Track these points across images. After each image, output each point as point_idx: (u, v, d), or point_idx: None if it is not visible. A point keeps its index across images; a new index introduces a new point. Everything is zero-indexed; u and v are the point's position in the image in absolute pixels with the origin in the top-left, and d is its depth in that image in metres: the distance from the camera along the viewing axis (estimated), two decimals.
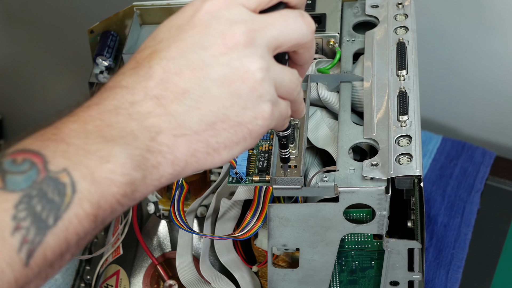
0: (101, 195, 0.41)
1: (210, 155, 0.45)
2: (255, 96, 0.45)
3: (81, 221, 0.40)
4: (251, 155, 0.67)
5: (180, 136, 0.44)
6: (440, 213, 0.88)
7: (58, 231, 0.40)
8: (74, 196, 0.40)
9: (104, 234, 0.86)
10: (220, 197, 0.71)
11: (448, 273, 0.83)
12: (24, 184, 0.39)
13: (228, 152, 0.46)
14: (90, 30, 0.79)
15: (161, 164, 0.44)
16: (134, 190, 0.43)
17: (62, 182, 0.40)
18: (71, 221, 0.40)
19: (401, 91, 0.66)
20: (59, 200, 0.40)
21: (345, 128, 0.65)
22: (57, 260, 0.41)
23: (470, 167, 0.93)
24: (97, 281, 0.78)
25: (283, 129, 0.52)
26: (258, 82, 0.45)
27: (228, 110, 0.45)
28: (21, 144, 0.41)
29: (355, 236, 0.66)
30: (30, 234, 0.39)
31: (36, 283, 0.40)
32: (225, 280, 0.72)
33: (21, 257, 0.39)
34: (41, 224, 0.39)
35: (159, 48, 0.46)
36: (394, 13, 0.74)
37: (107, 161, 0.41)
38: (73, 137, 0.42)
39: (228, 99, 0.45)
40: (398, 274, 0.66)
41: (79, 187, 0.40)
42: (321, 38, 0.73)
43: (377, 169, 0.60)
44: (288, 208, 0.63)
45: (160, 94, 0.44)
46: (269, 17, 0.47)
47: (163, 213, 0.77)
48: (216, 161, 0.46)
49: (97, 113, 0.43)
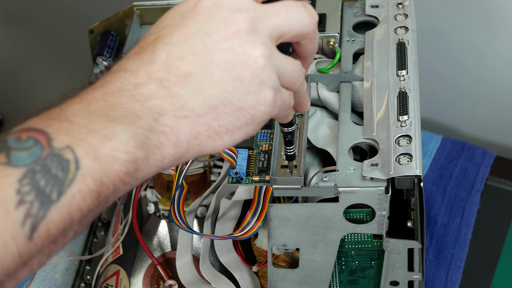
0: (104, 172, 0.41)
1: (212, 138, 0.46)
2: (257, 82, 0.46)
3: (84, 197, 0.41)
4: (251, 155, 0.67)
5: (182, 118, 0.45)
6: (440, 213, 0.88)
7: (61, 206, 0.40)
8: (77, 172, 0.41)
9: (104, 234, 0.86)
10: (220, 197, 0.71)
11: (448, 273, 0.83)
12: (28, 159, 0.40)
13: (230, 136, 0.46)
14: (90, 30, 0.79)
15: (163, 145, 0.44)
16: (136, 169, 0.43)
17: (65, 158, 0.41)
18: (74, 196, 0.40)
19: (401, 91, 0.66)
20: (63, 176, 0.40)
21: (345, 128, 0.65)
22: (60, 236, 0.41)
23: (470, 167, 0.93)
24: (97, 281, 0.78)
25: (287, 121, 0.53)
26: (261, 68, 0.46)
27: (230, 94, 0.46)
28: (26, 123, 0.42)
29: (355, 236, 0.66)
30: (33, 208, 0.39)
31: (40, 259, 0.41)
32: (225, 280, 0.72)
33: (24, 230, 0.39)
34: (44, 199, 0.40)
35: (163, 34, 0.46)
36: (394, 13, 0.74)
37: (110, 139, 0.42)
38: (77, 116, 0.42)
39: (230, 84, 0.46)
40: (398, 274, 0.66)
41: (83, 164, 0.41)
42: (321, 38, 0.73)
43: (377, 169, 0.60)
44: (288, 208, 0.63)
45: (163, 77, 0.45)
46: (271, 7, 0.48)
47: (163, 213, 0.77)
48: (218, 145, 0.46)
49: (101, 95, 0.44)
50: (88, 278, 0.83)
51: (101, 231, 0.86)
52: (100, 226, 0.86)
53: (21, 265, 0.40)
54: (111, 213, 0.86)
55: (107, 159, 0.42)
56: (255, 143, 0.68)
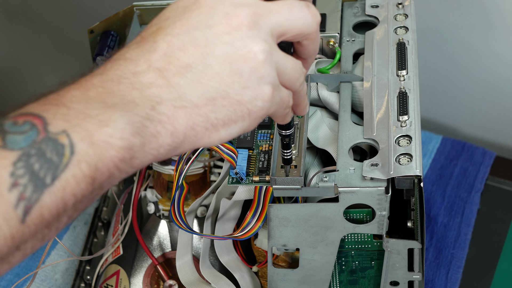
0: (99, 157, 0.41)
1: (209, 130, 0.46)
2: (256, 76, 0.46)
3: (78, 182, 0.41)
4: (251, 155, 0.67)
5: (180, 107, 0.45)
6: (440, 213, 0.88)
7: (55, 190, 0.40)
8: (72, 157, 0.41)
9: (104, 234, 0.86)
10: (220, 197, 0.71)
11: (448, 273, 0.83)
12: (23, 143, 0.40)
13: (226, 130, 0.47)
14: (90, 30, 0.79)
15: (160, 133, 0.44)
16: (132, 156, 0.43)
17: (61, 143, 0.41)
18: (69, 181, 0.40)
19: (401, 91, 0.66)
20: (57, 160, 0.40)
21: (345, 128, 0.65)
22: (54, 220, 0.41)
23: (470, 167, 0.93)
24: (97, 281, 0.78)
25: (285, 121, 0.53)
26: (260, 63, 0.46)
27: (229, 87, 0.46)
28: (23, 108, 0.42)
29: (355, 236, 0.66)
30: (27, 191, 0.39)
31: (33, 243, 0.41)
32: (225, 280, 0.72)
33: (17, 213, 0.39)
34: (38, 182, 0.40)
35: (164, 25, 0.47)
36: (394, 13, 0.74)
37: (106, 125, 0.42)
38: (74, 102, 0.42)
39: (229, 77, 0.46)
40: (398, 274, 0.66)
41: (78, 149, 0.41)
42: (321, 38, 0.73)
43: (377, 169, 0.60)
44: (288, 208, 0.63)
45: (163, 67, 0.45)
46: (274, 4, 0.48)
47: (163, 213, 0.77)
48: (214, 138, 0.46)
49: (99, 82, 0.44)
50: (88, 278, 0.83)
51: (101, 231, 0.86)
52: (100, 226, 0.86)
53: (14, 249, 0.40)
54: (111, 213, 0.86)
55: (102, 145, 0.42)
56: (255, 143, 0.68)
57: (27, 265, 0.85)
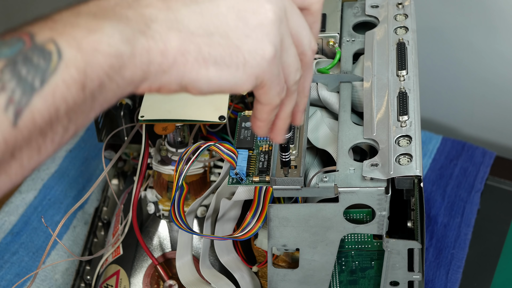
0: (87, 62, 0.41)
1: (199, 63, 0.44)
2: (262, 32, 0.45)
3: (68, 87, 0.40)
4: (251, 155, 0.67)
5: (174, 29, 0.44)
6: (440, 213, 0.88)
7: (45, 94, 0.39)
8: (60, 62, 0.40)
9: (104, 234, 0.86)
10: (220, 198, 0.71)
11: (448, 273, 0.83)
12: (9, 52, 0.39)
13: (216, 71, 0.45)
14: None
15: (151, 49, 0.43)
16: (122, 65, 0.42)
17: (48, 50, 0.40)
18: (58, 85, 0.40)
19: (401, 91, 0.66)
20: (45, 65, 0.40)
21: (345, 128, 0.65)
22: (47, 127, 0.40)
23: (470, 167, 0.93)
24: (97, 281, 0.78)
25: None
26: (269, 20, 0.46)
27: (231, 30, 0.45)
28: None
29: (355, 236, 0.66)
30: (16, 94, 0.39)
31: (29, 153, 0.40)
32: (225, 280, 0.72)
33: (8, 116, 0.38)
34: (26, 86, 0.39)
35: None
36: (394, 13, 0.74)
37: (94, 32, 0.41)
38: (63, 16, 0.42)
39: (234, 21, 0.45)
40: (398, 274, 0.66)
41: (65, 54, 0.40)
42: (321, 38, 0.73)
43: (377, 169, 0.60)
44: (288, 208, 0.63)
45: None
46: None
47: (163, 213, 0.77)
48: (202, 75, 0.45)
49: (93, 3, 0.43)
50: (88, 278, 0.83)
51: (101, 231, 0.86)
52: (100, 226, 0.86)
53: (8, 155, 0.39)
54: (111, 213, 0.87)
55: (90, 50, 0.41)
56: (255, 144, 0.68)
57: (27, 265, 0.85)
